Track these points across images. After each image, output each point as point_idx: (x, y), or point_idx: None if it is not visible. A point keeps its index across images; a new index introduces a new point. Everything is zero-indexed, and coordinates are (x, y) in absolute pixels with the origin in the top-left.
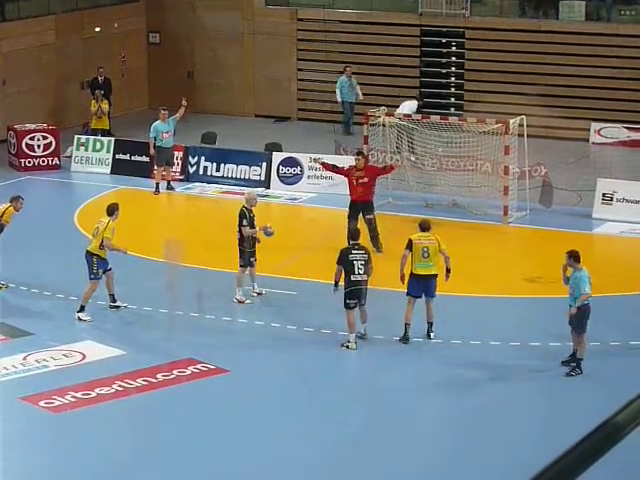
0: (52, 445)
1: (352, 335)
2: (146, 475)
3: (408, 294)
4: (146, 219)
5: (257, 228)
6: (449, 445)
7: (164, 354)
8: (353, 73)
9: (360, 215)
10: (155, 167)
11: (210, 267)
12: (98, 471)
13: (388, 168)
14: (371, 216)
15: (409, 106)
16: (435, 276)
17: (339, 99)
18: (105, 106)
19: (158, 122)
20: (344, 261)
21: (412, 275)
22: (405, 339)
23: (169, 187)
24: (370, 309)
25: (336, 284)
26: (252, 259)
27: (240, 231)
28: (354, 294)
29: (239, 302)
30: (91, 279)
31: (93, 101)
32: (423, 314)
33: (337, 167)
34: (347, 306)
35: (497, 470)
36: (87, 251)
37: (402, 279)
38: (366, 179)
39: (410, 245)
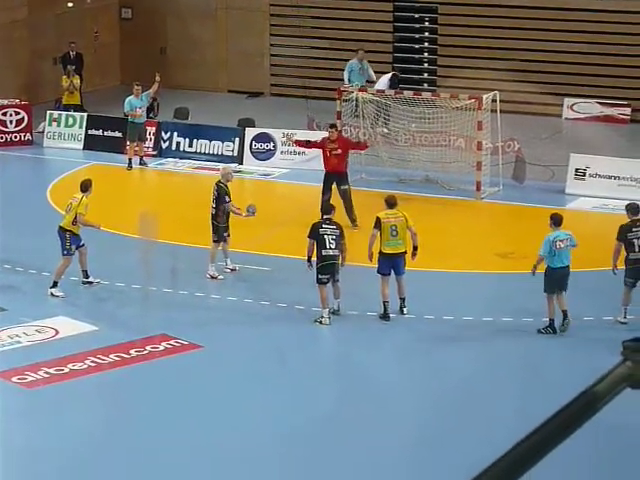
0: (25, 421)
1: (325, 310)
2: (120, 450)
3: (378, 272)
4: (119, 195)
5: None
6: (425, 419)
7: (137, 330)
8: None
9: (334, 187)
10: (128, 143)
11: (183, 243)
12: (71, 446)
13: (362, 145)
14: (345, 187)
15: (383, 81)
16: (404, 253)
17: (346, 82)
18: (77, 81)
19: (132, 97)
20: (315, 235)
21: (381, 254)
22: (386, 316)
23: (142, 163)
24: (343, 285)
25: (309, 259)
26: (225, 234)
27: (217, 207)
28: (326, 269)
29: (212, 278)
30: (64, 255)
31: (64, 77)
32: (395, 290)
33: (310, 142)
34: (319, 281)
35: (475, 443)
36: (60, 227)
37: (370, 258)
38: (339, 150)
39: (378, 224)
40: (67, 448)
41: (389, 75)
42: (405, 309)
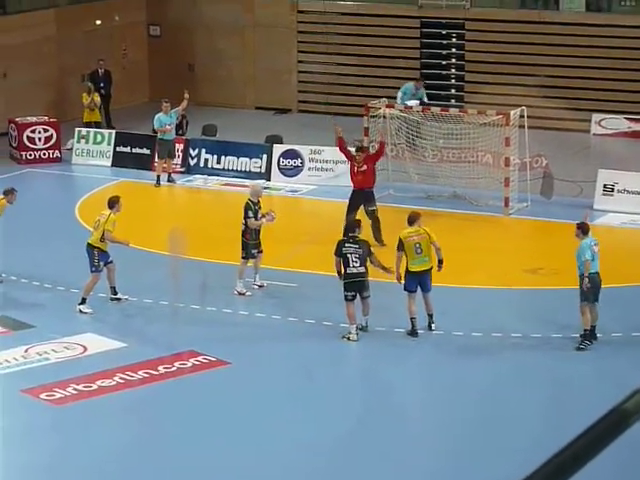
0: (53, 437)
1: (353, 326)
2: (148, 467)
3: (405, 289)
4: (147, 211)
5: (262, 220)
6: (452, 435)
7: (165, 346)
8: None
9: (362, 207)
10: (156, 159)
11: (211, 259)
12: (99, 463)
13: (379, 148)
14: (373, 208)
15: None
16: (430, 270)
17: (398, 101)
18: (97, 99)
19: (161, 114)
20: (340, 253)
21: (408, 272)
22: (414, 333)
23: (170, 179)
24: (371, 301)
25: (339, 274)
26: (255, 251)
27: (245, 223)
28: (351, 287)
29: (239, 294)
30: (92, 272)
31: (85, 94)
32: (422, 307)
33: (348, 150)
34: (346, 298)
35: (502, 460)
36: (88, 244)
37: (398, 279)
38: (365, 167)
39: (401, 245)
40: (95, 465)
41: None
42: (433, 325)
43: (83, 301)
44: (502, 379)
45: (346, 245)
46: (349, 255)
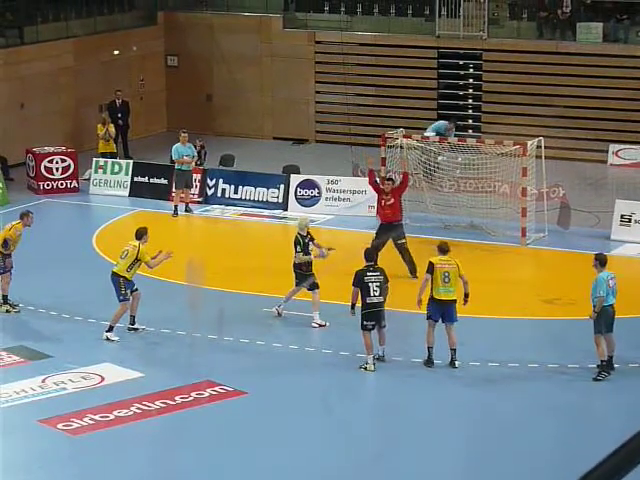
0: (70, 468)
1: (370, 357)
2: None
3: (429, 318)
4: (165, 242)
5: (311, 255)
6: (468, 466)
7: (182, 376)
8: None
9: (391, 241)
10: (174, 189)
11: (229, 289)
12: None
13: (403, 179)
14: (402, 241)
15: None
16: (455, 301)
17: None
18: (112, 130)
19: (178, 144)
20: (360, 283)
21: (432, 299)
22: (430, 362)
23: (187, 209)
24: (388, 330)
25: (353, 306)
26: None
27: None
28: (371, 316)
29: (278, 314)
30: (120, 301)
31: (99, 125)
32: (445, 340)
33: (377, 184)
34: (364, 328)
35: None
36: (113, 272)
37: (419, 304)
38: (392, 200)
39: (431, 269)
40: None
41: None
42: (457, 362)
43: (110, 329)
44: (519, 409)
45: (367, 274)
46: (370, 284)
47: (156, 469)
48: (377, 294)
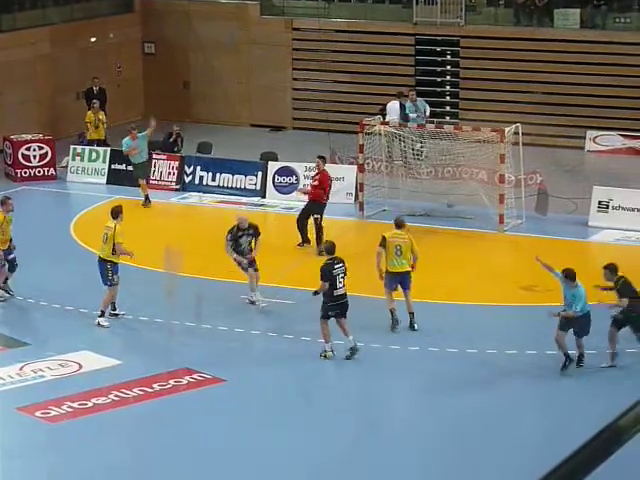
0: (49, 455)
1: (328, 344)
2: None
3: (386, 287)
4: (142, 229)
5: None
6: (444, 452)
7: (161, 364)
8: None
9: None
10: (139, 180)
11: (206, 276)
12: None
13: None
14: (317, 216)
15: (394, 108)
16: (409, 271)
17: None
18: (102, 116)
19: (127, 138)
20: (328, 277)
21: (387, 272)
22: (395, 322)
23: (146, 200)
24: (356, 318)
25: (317, 293)
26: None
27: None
28: (336, 307)
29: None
30: (108, 285)
31: (89, 112)
32: (404, 307)
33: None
34: (328, 317)
35: (494, 477)
36: (100, 257)
37: (380, 277)
38: (316, 182)
39: (384, 242)
40: None
41: (396, 100)
42: (415, 325)
43: (102, 314)
44: (496, 396)
45: (335, 267)
46: (337, 276)
47: (135, 456)
48: (342, 285)
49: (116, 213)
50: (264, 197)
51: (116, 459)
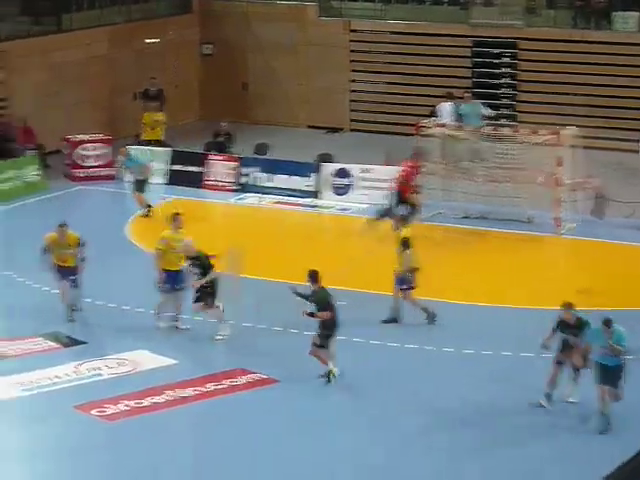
0: (104, 454)
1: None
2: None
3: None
4: (200, 230)
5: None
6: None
7: (216, 364)
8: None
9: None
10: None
11: (263, 277)
12: (150, 478)
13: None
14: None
15: (445, 109)
16: None
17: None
18: (160, 117)
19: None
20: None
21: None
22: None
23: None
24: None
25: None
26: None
27: None
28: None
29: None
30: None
31: (146, 113)
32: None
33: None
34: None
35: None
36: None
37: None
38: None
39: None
40: (144, 479)
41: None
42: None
43: (161, 316)
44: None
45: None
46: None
47: (188, 456)
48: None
49: (172, 219)
50: (320, 198)
51: (170, 458)
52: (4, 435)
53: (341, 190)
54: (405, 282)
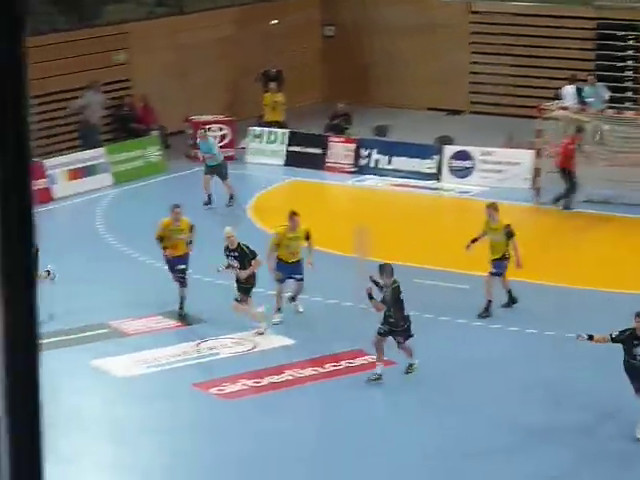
0: (222, 431)
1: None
2: (314, 462)
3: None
4: (320, 211)
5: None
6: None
7: (334, 345)
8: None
9: None
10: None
11: (385, 260)
12: (268, 457)
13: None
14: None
15: (569, 92)
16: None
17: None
18: (279, 98)
19: (199, 141)
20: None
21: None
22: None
23: (231, 199)
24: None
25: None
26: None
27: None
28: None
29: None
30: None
31: (267, 94)
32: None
33: None
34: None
35: None
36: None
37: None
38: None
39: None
40: (264, 458)
41: (572, 85)
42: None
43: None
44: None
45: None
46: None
47: (306, 434)
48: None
49: (289, 217)
50: (439, 181)
51: (290, 436)
52: (128, 411)
53: (461, 173)
54: (501, 267)
